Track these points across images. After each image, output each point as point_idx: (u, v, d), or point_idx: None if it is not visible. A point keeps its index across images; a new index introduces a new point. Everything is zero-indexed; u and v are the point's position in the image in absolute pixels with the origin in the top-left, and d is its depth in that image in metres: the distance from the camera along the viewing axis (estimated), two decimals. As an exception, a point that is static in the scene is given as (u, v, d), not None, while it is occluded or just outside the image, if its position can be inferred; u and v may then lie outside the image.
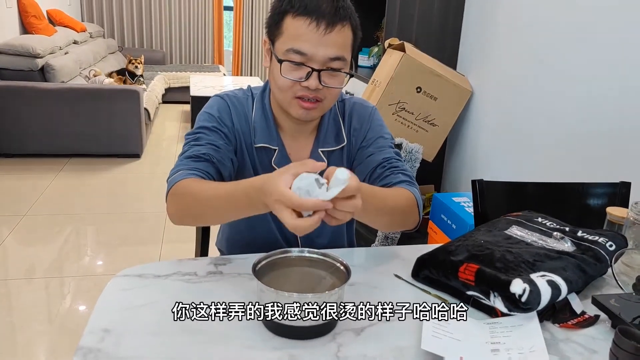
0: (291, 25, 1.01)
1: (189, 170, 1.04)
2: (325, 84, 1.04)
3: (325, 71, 1.03)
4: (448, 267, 0.99)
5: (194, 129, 1.13)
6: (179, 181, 1.02)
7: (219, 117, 1.13)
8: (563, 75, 1.98)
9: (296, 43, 1.01)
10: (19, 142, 4.05)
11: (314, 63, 1.02)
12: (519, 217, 1.20)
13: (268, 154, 1.15)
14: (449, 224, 2.14)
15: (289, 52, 1.02)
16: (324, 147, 1.19)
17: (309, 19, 0.99)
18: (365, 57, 3.50)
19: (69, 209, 3.28)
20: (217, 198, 0.96)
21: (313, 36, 1.00)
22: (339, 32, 1.01)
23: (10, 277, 2.47)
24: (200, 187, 1.00)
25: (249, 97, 1.18)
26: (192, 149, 1.08)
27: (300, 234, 0.81)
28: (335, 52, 1.02)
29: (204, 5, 7.22)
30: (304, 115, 1.08)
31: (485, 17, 2.43)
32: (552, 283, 0.91)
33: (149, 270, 1.00)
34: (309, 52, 1.01)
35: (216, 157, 1.08)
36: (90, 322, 0.83)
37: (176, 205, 1.03)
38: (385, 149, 1.18)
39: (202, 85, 5.18)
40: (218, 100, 1.17)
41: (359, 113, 1.22)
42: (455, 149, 2.69)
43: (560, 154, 1.99)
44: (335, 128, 1.20)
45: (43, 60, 4.14)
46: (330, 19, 1.00)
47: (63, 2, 5.97)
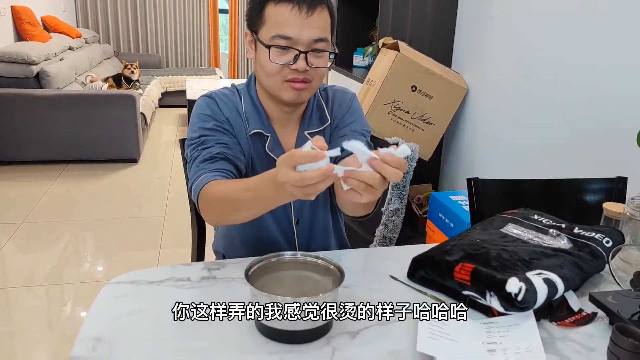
0: (274, 13, 1.05)
1: (210, 172, 1.06)
2: (312, 65, 1.08)
3: (311, 52, 1.07)
4: (443, 267, 0.98)
5: (194, 135, 1.13)
6: (205, 185, 1.03)
7: (213, 115, 1.15)
8: (558, 72, 1.97)
9: (281, 29, 1.04)
10: (15, 150, 4.04)
11: (300, 46, 1.06)
12: (515, 214, 1.19)
13: (262, 141, 1.18)
14: (446, 222, 2.14)
15: (275, 38, 1.05)
16: (309, 129, 1.22)
17: (290, 4, 1.04)
18: (360, 57, 3.49)
19: (67, 216, 3.28)
20: (248, 193, 0.96)
21: (296, 20, 1.04)
22: (319, 15, 1.06)
23: (9, 285, 2.46)
24: (229, 187, 1.01)
25: (234, 92, 1.21)
26: (203, 152, 1.10)
27: (310, 191, 0.77)
28: (318, 33, 1.06)
29: (199, 9, 7.21)
30: (296, 97, 1.11)
31: (480, 14, 2.42)
32: (549, 281, 0.90)
33: (142, 277, 0.99)
34: (294, 36, 1.05)
35: (230, 154, 1.10)
36: (81, 331, 0.82)
37: (210, 209, 1.05)
38: (356, 135, 1.20)
39: (199, 89, 5.18)
40: (206, 99, 1.18)
41: (340, 98, 1.26)
42: (452, 147, 2.68)
43: (557, 150, 1.98)
44: (319, 111, 1.24)
45: (38, 67, 4.13)
46: (310, 3, 1.04)
47: (58, 9, 5.96)
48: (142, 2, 6.95)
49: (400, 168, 0.77)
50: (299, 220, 1.24)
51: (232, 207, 1.00)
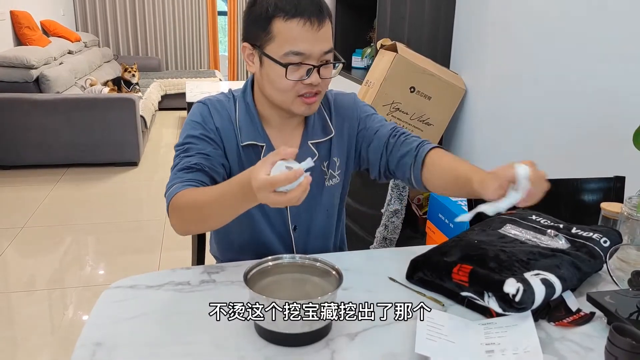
0: (284, 29, 1.03)
1: (183, 182, 1.06)
2: (323, 77, 1.09)
3: (322, 65, 1.07)
4: (442, 269, 0.98)
5: (181, 140, 1.14)
6: (175, 194, 1.04)
7: (203, 123, 1.14)
8: (556, 71, 1.97)
9: (294, 45, 1.03)
10: (15, 154, 4.05)
11: (312, 60, 1.05)
12: (513, 215, 1.19)
13: (256, 151, 1.16)
14: (446, 223, 2.14)
15: (289, 55, 1.04)
16: (312, 139, 1.20)
17: (302, 20, 1.02)
18: (359, 59, 3.50)
19: (68, 220, 3.28)
20: (214, 200, 0.98)
21: (309, 35, 1.03)
22: (326, 26, 1.06)
23: (10, 289, 2.46)
24: (196, 194, 1.02)
25: (230, 99, 1.20)
26: (182, 160, 1.10)
27: (294, 203, 0.83)
28: (327, 45, 1.07)
29: (198, 11, 7.22)
30: (307, 110, 1.12)
31: (477, 14, 2.42)
32: (546, 281, 0.90)
33: (141, 281, 0.99)
34: (307, 51, 1.04)
35: (207, 165, 1.09)
36: (82, 336, 0.82)
37: (178, 217, 1.05)
38: (384, 122, 1.24)
39: (199, 91, 5.18)
40: (200, 106, 1.18)
41: (342, 102, 1.26)
42: (451, 147, 2.68)
43: (555, 150, 1.99)
44: (321, 120, 1.23)
45: (38, 71, 4.14)
46: (318, 16, 1.04)
47: (57, 13, 5.97)
48: (141, 5, 6.96)
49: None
50: (296, 226, 1.22)
51: (199, 215, 1.01)
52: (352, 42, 3.61)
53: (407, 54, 2.35)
